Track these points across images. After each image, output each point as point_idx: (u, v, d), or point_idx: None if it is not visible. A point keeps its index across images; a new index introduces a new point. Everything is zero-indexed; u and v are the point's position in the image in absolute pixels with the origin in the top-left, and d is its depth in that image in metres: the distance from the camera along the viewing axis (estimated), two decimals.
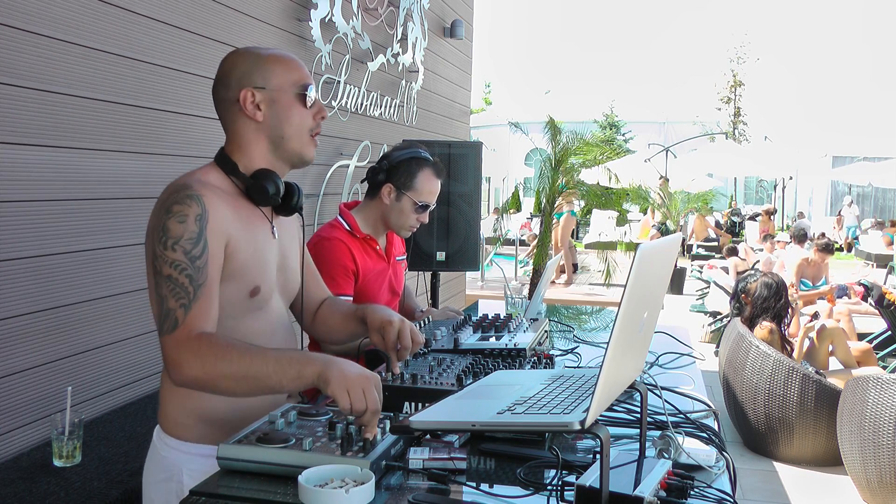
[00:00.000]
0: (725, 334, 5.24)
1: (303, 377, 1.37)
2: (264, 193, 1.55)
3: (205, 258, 1.43)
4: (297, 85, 1.57)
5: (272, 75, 1.55)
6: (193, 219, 1.42)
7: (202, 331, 1.41)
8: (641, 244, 1.19)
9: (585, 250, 14.37)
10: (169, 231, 1.42)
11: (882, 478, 3.81)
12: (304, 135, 1.59)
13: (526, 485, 1.33)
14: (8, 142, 2.19)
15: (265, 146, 1.58)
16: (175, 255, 1.41)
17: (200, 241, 1.43)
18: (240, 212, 1.54)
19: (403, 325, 1.68)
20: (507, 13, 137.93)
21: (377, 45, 4.80)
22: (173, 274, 1.41)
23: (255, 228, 1.56)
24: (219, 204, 1.48)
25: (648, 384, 1.60)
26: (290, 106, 1.56)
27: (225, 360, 1.37)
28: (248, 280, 1.53)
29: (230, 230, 1.49)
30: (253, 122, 1.56)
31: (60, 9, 2.35)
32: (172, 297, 1.41)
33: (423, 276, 3.98)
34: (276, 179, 1.57)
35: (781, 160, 18.31)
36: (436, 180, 2.45)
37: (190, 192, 1.45)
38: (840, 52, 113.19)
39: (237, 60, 1.58)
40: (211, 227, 1.44)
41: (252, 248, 1.54)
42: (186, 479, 1.52)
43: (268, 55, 1.58)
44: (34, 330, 2.31)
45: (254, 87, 1.54)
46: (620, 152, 10.13)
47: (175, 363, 1.39)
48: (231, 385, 1.39)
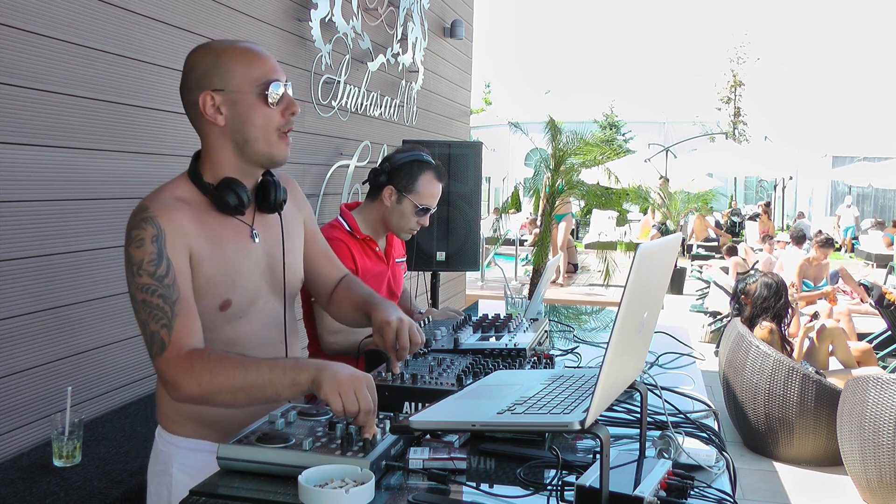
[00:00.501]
0: (725, 334, 5.24)
1: (297, 384, 1.38)
2: (226, 206, 1.51)
3: (171, 275, 1.42)
4: (258, 83, 1.47)
5: (230, 75, 1.47)
6: (150, 240, 1.42)
7: (191, 347, 1.41)
8: (641, 244, 1.19)
9: (585, 250, 14.36)
10: (132, 258, 1.42)
11: (882, 478, 3.81)
12: (272, 135, 1.50)
13: (526, 485, 1.33)
14: (8, 142, 2.19)
15: (230, 150, 1.52)
16: (142, 279, 1.41)
17: (163, 261, 1.42)
18: (207, 225, 1.50)
19: (402, 324, 1.66)
20: (507, 13, 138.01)
21: (377, 45, 4.80)
22: (147, 298, 1.41)
23: (223, 240, 1.52)
24: (180, 220, 1.45)
25: (648, 384, 1.60)
26: (252, 106, 1.48)
27: (220, 376, 1.38)
28: (215, 295, 1.51)
29: (192, 244, 1.46)
30: (215, 126, 1.50)
31: (60, 9, 2.35)
32: (152, 320, 1.41)
33: (423, 277, 3.98)
34: (237, 189, 1.51)
35: (781, 160, 18.30)
36: (437, 183, 2.45)
37: (144, 216, 1.43)
38: (840, 52, 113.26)
39: (197, 60, 1.50)
40: (171, 243, 1.43)
41: (219, 262, 1.50)
42: (176, 472, 1.56)
43: (227, 51, 1.49)
44: (34, 330, 2.31)
45: (212, 90, 1.47)
46: (620, 152, 10.14)
47: (172, 384, 1.40)
48: (228, 398, 1.40)
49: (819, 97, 54.44)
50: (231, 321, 1.55)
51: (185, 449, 1.58)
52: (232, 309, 1.54)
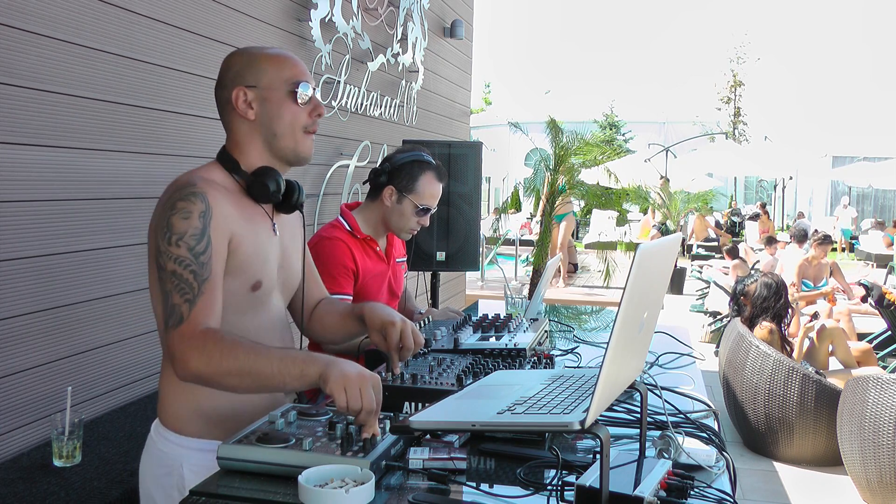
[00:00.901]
0: (725, 334, 5.24)
1: (305, 376, 1.38)
2: (265, 191, 1.57)
3: (209, 254, 1.45)
4: (289, 82, 1.57)
5: (263, 74, 1.56)
6: (197, 215, 1.44)
7: (207, 326, 1.42)
8: (641, 244, 1.19)
9: (585, 250, 14.36)
10: (173, 227, 1.43)
11: (882, 478, 3.81)
12: (298, 132, 1.59)
13: (526, 485, 1.33)
14: (8, 142, 2.19)
15: (260, 145, 1.59)
16: (179, 251, 1.43)
17: (204, 238, 1.44)
18: (242, 209, 1.55)
19: (405, 325, 1.69)
20: (507, 13, 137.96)
21: (377, 45, 4.81)
22: (177, 270, 1.42)
23: (256, 225, 1.58)
24: (222, 201, 1.50)
25: (648, 384, 1.60)
26: (281, 104, 1.57)
27: (230, 358, 1.38)
28: (250, 275, 1.55)
29: (233, 226, 1.50)
30: (246, 121, 1.57)
31: (60, 9, 2.35)
32: (177, 292, 1.42)
33: (423, 277, 3.98)
34: (276, 177, 1.58)
35: (781, 160, 18.31)
36: (437, 184, 2.45)
37: (194, 190, 1.47)
38: (840, 52, 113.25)
39: (233, 60, 1.60)
40: (214, 223, 1.46)
41: (254, 244, 1.55)
42: (187, 474, 1.53)
43: (262, 54, 1.59)
44: (34, 330, 2.31)
45: (245, 86, 1.56)
46: (620, 152, 10.14)
47: (181, 358, 1.40)
48: (235, 382, 1.40)
49: (819, 97, 54.45)
50: (256, 306, 1.58)
51: (196, 450, 1.54)
52: (261, 291, 1.58)
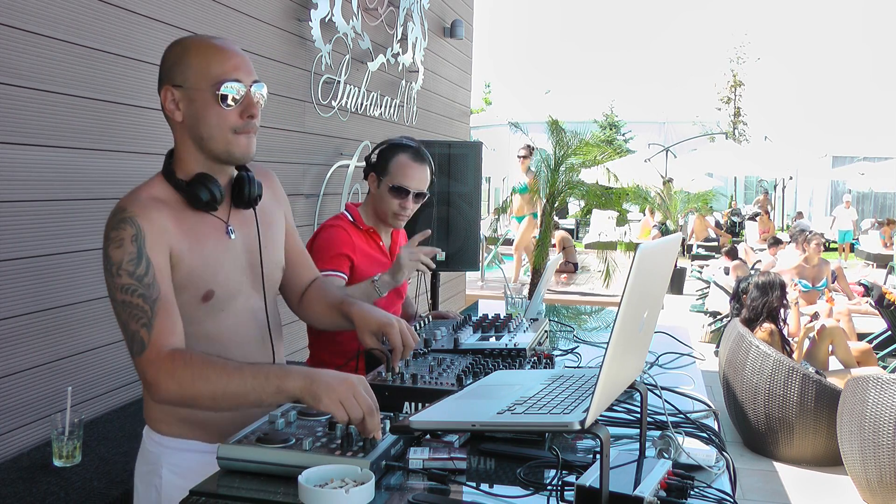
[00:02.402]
0: (725, 334, 5.24)
1: (283, 391, 1.36)
2: (199, 201, 1.51)
3: (151, 274, 1.42)
4: (214, 82, 1.45)
5: (190, 71, 1.46)
6: (129, 240, 1.42)
7: (172, 347, 1.40)
8: (641, 244, 1.19)
9: (585, 250, 14.36)
10: (111, 258, 1.42)
11: (882, 478, 3.81)
12: (226, 134, 1.49)
13: (526, 485, 1.33)
14: (8, 142, 2.19)
15: (192, 146, 1.52)
16: (122, 279, 1.41)
17: (142, 260, 1.42)
18: (183, 221, 1.50)
19: (402, 324, 1.70)
20: (507, 13, 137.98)
21: (377, 45, 4.80)
22: (126, 298, 1.41)
23: (201, 235, 1.52)
24: (157, 218, 1.45)
25: (648, 384, 1.60)
26: (206, 105, 1.47)
27: (202, 380, 1.37)
28: (197, 286, 1.51)
29: (171, 241, 1.46)
30: (175, 122, 1.51)
31: (60, 9, 2.35)
32: (132, 319, 1.41)
33: (423, 277, 3.97)
34: (209, 185, 1.51)
35: (781, 160, 18.30)
36: (412, 163, 2.43)
37: (122, 216, 1.44)
38: (840, 52, 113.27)
39: (167, 53, 1.51)
40: (150, 243, 1.43)
41: (199, 255, 1.51)
42: (166, 473, 1.55)
43: (193, 47, 1.49)
44: (34, 330, 2.31)
45: (172, 85, 1.48)
46: (621, 152, 10.13)
47: (152, 384, 1.39)
48: (210, 403, 1.39)
49: (819, 97, 54.43)
50: (214, 314, 1.55)
51: (175, 449, 1.57)
52: (214, 300, 1.53)
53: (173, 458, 1.57)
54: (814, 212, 24.05)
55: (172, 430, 1.58)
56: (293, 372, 1.37)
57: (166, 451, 1.57)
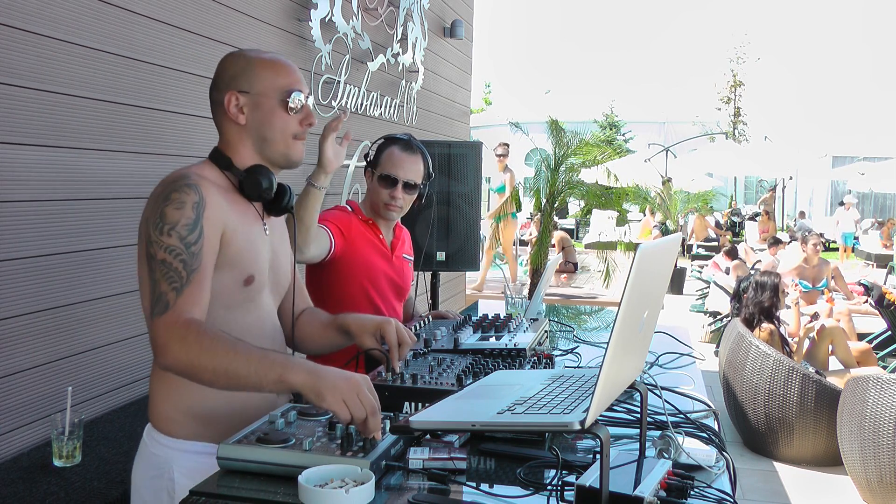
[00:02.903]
0: (725, 334, 5.24)
1: (284, 382, 1.37)
2: (258, 187, 1.59)
3: (200, 244, 1.45)
4: (281, 91, 1.58)
5: (258, 80, 1.58)
6: (191, 206, 1.45)
7: (192, 316, 1.42)
8: (641, 244, 1.19)
9: (585, 250, 14.36)
10: (166, 217, 1.44)
11: (882, 478, 3.81)
12: (287, 138, 1.61)
13: (526, 485, 1.33)
14: (8, 142, 2.19)
15: (251, 147, 1.61)
16: (171, 240, 1.43)
17: (196, 228, 1.45)
18: (235, 205, 1.57)
19: (398, 322, 1.75)
20: (507, 13, 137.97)
21: (377, 45, 4.80)
22: (168, 258, 1.43)
23: (248, 222, 1.60)
24: (215, 194, 1.51)
25: (648, 384, 1.60)
26: (272, 111, 1.58)
27: (209, 352, 1.38)
28: (242, 268, 1.55)
29: (226, 219, 1.51)
30: (236, 124, 1.59)
31: (60, 9, 2.35)
32: (165, 280, 1.42)
33: (424, 277, 3.97)
34: (269, 174, 1.60)
35: (781, 160, 18.31)
36: (401, 154, 2.45)
37: (188, 182, 1.48)
38: (840, 52, 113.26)
39: (229, 63, 1.61)
40: (208, 214, 1.47)
41: (246, 239, 1.56)
42: (178, 476, 1.53)
43: (257, 59, 1.60)
44: (34, 330, 2.31)
45: (238, 91, 1.58)
46: (621, 152, 10.13)
47: (161, 346, 1.40)
48: (211, 378, 1.39)
49: (819, 97, 54.40)
50: (248, 301, 1.59)
51: (187, 452, 1.54)
52: (254, 286, 1.58)
53: (185, 461, 1.53)
54: (814, 212, 24.05)
55: (183, 430, 1.55)
56: (298, 365, 1.38)
57: (177, 454, 1.54)
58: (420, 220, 3.41)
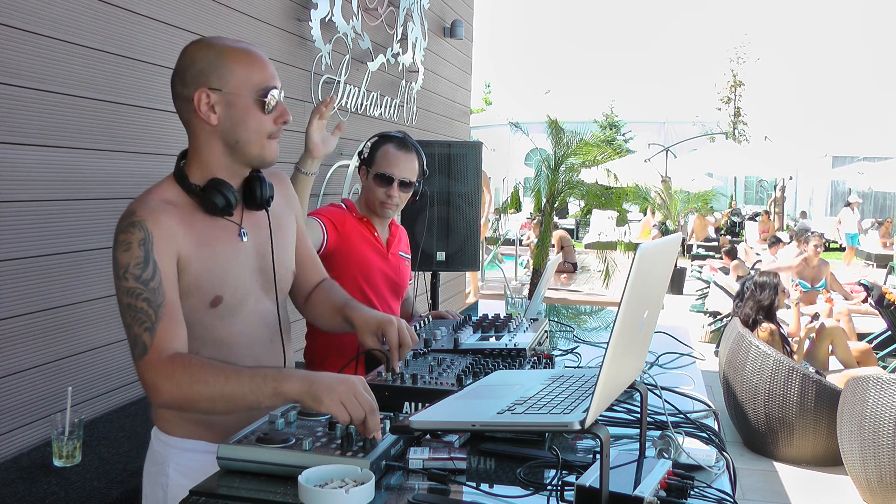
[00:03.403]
0: (725, 334, 5.24)
1: (281, 394, 1.36)
2: (213, 208, 1.51)
3: (157, 279, 1.42)
4: (257, 88, 1.49)
5: (231, 76, 1.47)
6: (137, 244, 1.42)
7: (173, 351, 1.41)
8: (641, 244, 1.19)
9: (585, 250, 14.36)
10: (118, 262, 1.43)
11: (882, 478, 3.81)
12: (262, 139, 1.52)
13: (526, 485, 1.33)
14: (8, 142, 2.19)
15: (220, 149, 1.52)
16: (128, 283, 1.42)
17: (149, 264, 1.42)
18: (194, 226, 1.50)
19: (401, 323, 1.71)
20: (507, 13, 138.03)
21: (377, 45, 4.80)
22: (131, 301, 1.41)
23: (211, 240, 1.52)
24: (167, 223, 1.45)
25: (648, 384, 1.60)
26: (248, 111, 1.49)
27: (200, 383, 1.37)
28: (205, 292, 1.51)
29: (179, 246, 1.46)
30: (207, 124, 1.50)
31: (60, 9, 2.35)
32: (136, 323, 1.41)
33: (424, 277, 3.97)
34: (225, 191, 1.51)
35: (781, 160, 18.31)
36: (396, 152, 2.46)
37: (131, 220, 1.44)
38: (840, 52, 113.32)
39: (196, 54, 1.49)
40: (157, 248, 1.43)
41: (207, 261, 1.51)
42: (172, 473, 1.56)
43: (228, 51, 1.49)
44: (34, 330, 2.31)
45: (209, 88, 1.47)
46: (620, 152, 10.13)
47: (151, 387, 1.40)
48: (209, 406, 1.40)
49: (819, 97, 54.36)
50: (223, 318, 1.55)
51: (182, 449, 1.57)
52: (223, 305, 1.54)
53: (180, 458, 1.57)
54: (814, 212, 24.05)
55: (179, 429, 1.58)
56: (291, 375, 1.37)
57: (173, 451, 1.58)
58: (420, 220, 3.41)
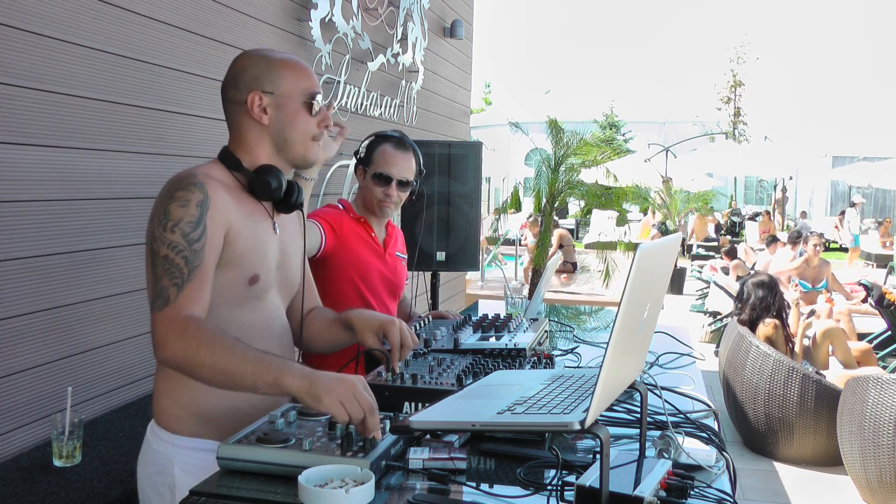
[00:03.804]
0: (725, 334, 5.24)
1: (279, 385, 1.37)
2: (267, 188, 1.60)
3: (202, 242, 1.46)
4: (306, 93, 1.61)
5: (282, 81, 1.60)
6: (195, 204, 1.47)
7: (191, 313, 1.43)
8: (641, 244, 1.19)
9: (585, 250, 14.37)
10: (170, 214, 1.46)
11: (882, 478, 3.81)
12: (307, 140, 1.64)
13: (526, 485, 1.33)
14: (8, 142, 2.19)
15: (269, 147, 1.63)
16: (174, 236, 1.45)
17: (200, 226, 1.46)
18: (241, 204, 1.58)
19: (402, 324, 1.73)
20: (507, 13, 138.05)
21: (377, 45, 4.80)
22: (170, 254, 1.44)
23: (256, 221, 1.60)
24: (222, 193, 1.52)
25: (648, 384, 1.60)
26: (296, 113, 1.61)
27: (207, 350, 1.38)
28: (247, 268, 1.56)
29: (231, 218, 1.52)
30: (258, 124, 1.61)
31: (60, 9, 2.35)
32: (167, 275, 1.44)
33: (423, 277, 3.97)
34: (278, 174, 1.61)
35: (781, 160, 18.30)
36: (394, 151, 2.46)
37: (194, 180, 1.50)
38: (840, 52, 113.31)
39: (248, 63, 1.62)
40: (212, 213, 1.48)
41: (252, 238, 1.57)
42: (178, 473, 1.54)
43: (279, 60, 1.62)
44: (34, 330, 2.31)
45: (262, 91, 1.59)
46: (620, 152, 10.13)
47: (160, 341, 1.41)
48: (207, 375, 1.40)
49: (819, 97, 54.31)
50: (254, 300, 1.60)
51: (188, 448, 1.56)
52: (259, 285, 1.59)
53: (187, 457, 1.55)
54: (814, 212, 24.06)
55: (185, 427, 1.57)
56: (294, 370, 1.38)
57: (178, 451, 1.56)
58: (420, 219, 3.41)
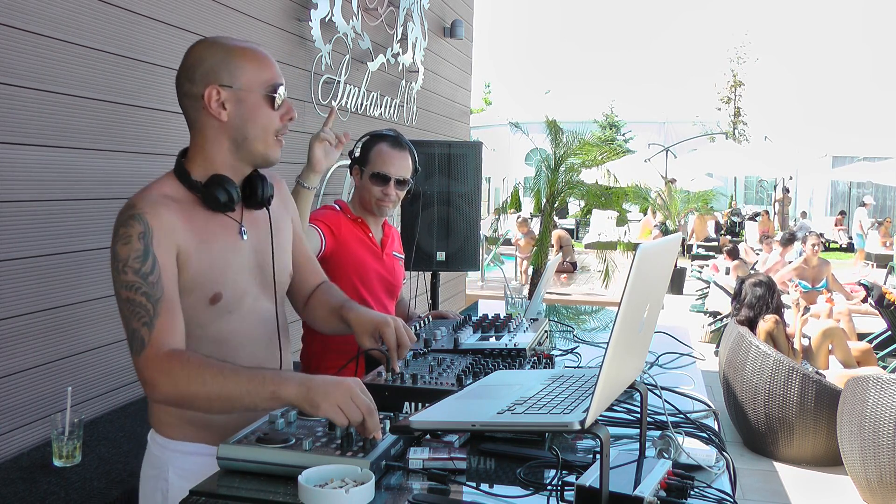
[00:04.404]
0: (725, 334, 5.24)
1: (278, 397, 1.36)
2: (216, 203, 1.51)
3: (157, 273, 1.42)
4: (267, 85, 1.51)
5: (241, 73, 1.49)
6: (136, 237, 1.42)
7: (171, 347, 1.40)
8: (641, 244, 1.19)
9: (585, 250, 14.37)
10: (117, 255, 1.42)
11: (882, 478, 3.81)
12: (269, 136, 1.53)
13: (526, 485, 1.33)
14: (8, 142, 2.19)
15: (226, 146, 1.53)
16: (127, 276, 1.41)
17: (148, 258, 1.42)
18: (194, 222, 1.50)
19: (398, 323, 1.70)
20: (507, 13, 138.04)
21: (377, 45, 4.80)
22: (130, 295, 1.41)
23: (211, 236, 1.52)
24: (168, 217, 1.45)
25: (648, 384, 1.60)
26: (257, 107, 1.51)
27: (198, 382, 1.37)
28: (205, 288, 1.51)
29: (179, 241, 1.46)
30: (216, 120, 1.50)
31: (60, 9, 2.35)
32: (134, 317, 1.40)
33: (423, 277, 3.97)
34: (227, 187, 1.52)
35: (781, 160, 18.31)
36: (391, 151, 2.45)
37: (131, 213, 1.44)
38: (840, 52, 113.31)
39: (204, 53, 1.51)
40: (157, 241, 1.43)
41: (207, 257, 1.50)
42: (172, 477, 1.55)
43: (237, 50, 1.51)
44: (34, 330, 2.31)
45: (220, 85, 1.48)
46: (620, 152, 10.13)
47: (149, 383, 1.39)
48: (205, 405, 1.39)
49: (819, 97, 54.33)
50: (222, 316, 1.54)
51: (182, 453, 1.56)
52: (222, 303, 1.53)
53: (180, 461, 1.56)
54: (814, 212, 24.05)
55: (178, 432, 1.57)
56: (289, 378, 1.37)
57: (173, 455, 1.56)
58: (420, 219, 3.41)
